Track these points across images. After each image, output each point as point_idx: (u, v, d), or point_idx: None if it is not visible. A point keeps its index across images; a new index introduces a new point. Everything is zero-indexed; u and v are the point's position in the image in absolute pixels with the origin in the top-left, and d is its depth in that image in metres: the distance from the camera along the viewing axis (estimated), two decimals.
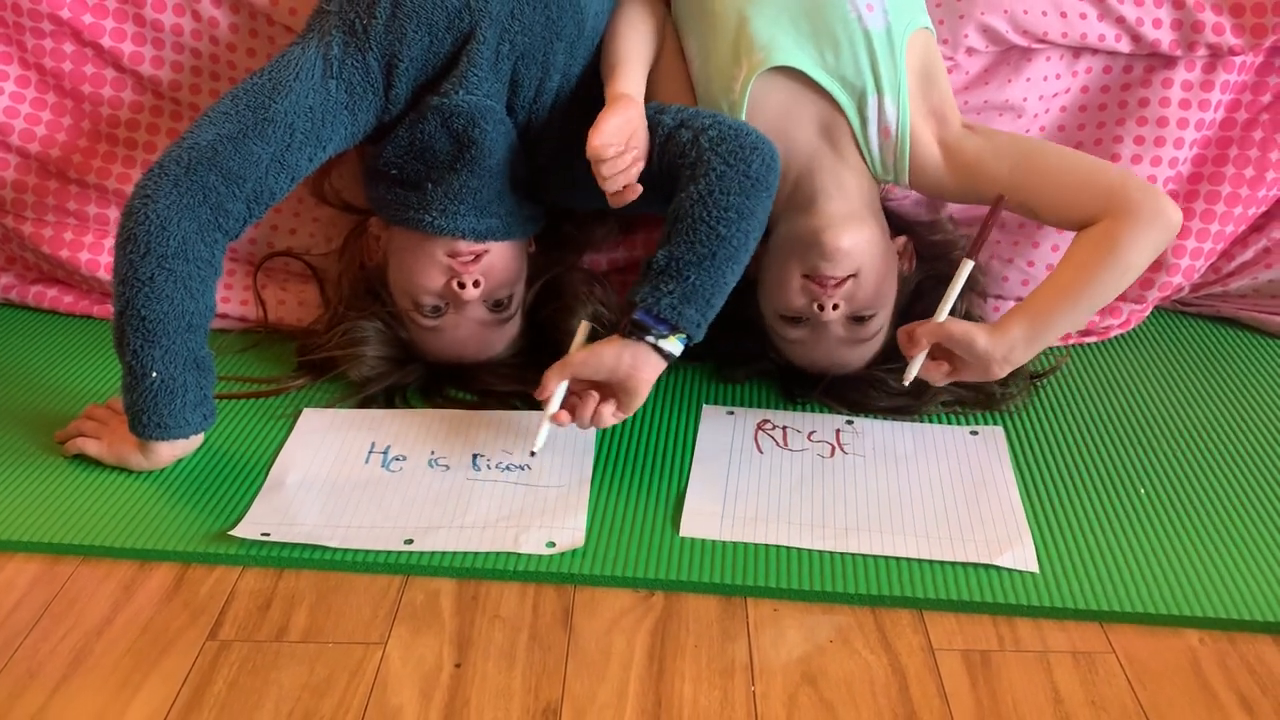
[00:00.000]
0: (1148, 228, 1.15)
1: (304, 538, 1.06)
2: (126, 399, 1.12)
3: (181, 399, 1.12)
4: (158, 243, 1.09)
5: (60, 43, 1.39)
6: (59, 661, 0.93)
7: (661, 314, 1.11)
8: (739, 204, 1.13)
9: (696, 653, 0.95)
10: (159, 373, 1.10)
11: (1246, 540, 1.09)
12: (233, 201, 1.13)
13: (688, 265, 1.12)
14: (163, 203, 1.09)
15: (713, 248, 1.12)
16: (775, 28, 1.23)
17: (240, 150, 1.12)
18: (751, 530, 1.09)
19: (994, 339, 1.15)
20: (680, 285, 1.11)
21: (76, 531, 1.07)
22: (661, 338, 1.11)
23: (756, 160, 1.15)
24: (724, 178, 1.13)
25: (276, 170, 1.15)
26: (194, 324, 1.12)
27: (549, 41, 1.24)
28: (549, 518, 1.09)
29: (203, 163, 1.11)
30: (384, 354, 1.30)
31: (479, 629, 0.97)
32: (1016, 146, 1.23)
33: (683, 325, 1.12)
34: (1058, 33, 1.34)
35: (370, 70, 1.20)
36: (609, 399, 1.13)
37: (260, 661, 0.93)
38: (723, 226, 1.12)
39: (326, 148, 1.20)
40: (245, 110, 1.15)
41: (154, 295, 1.09)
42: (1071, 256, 1.17)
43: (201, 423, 1.15)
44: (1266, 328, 1.53)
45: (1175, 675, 0.94)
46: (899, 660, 0.95)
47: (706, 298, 1.12)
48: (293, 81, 1.17)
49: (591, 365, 1.12)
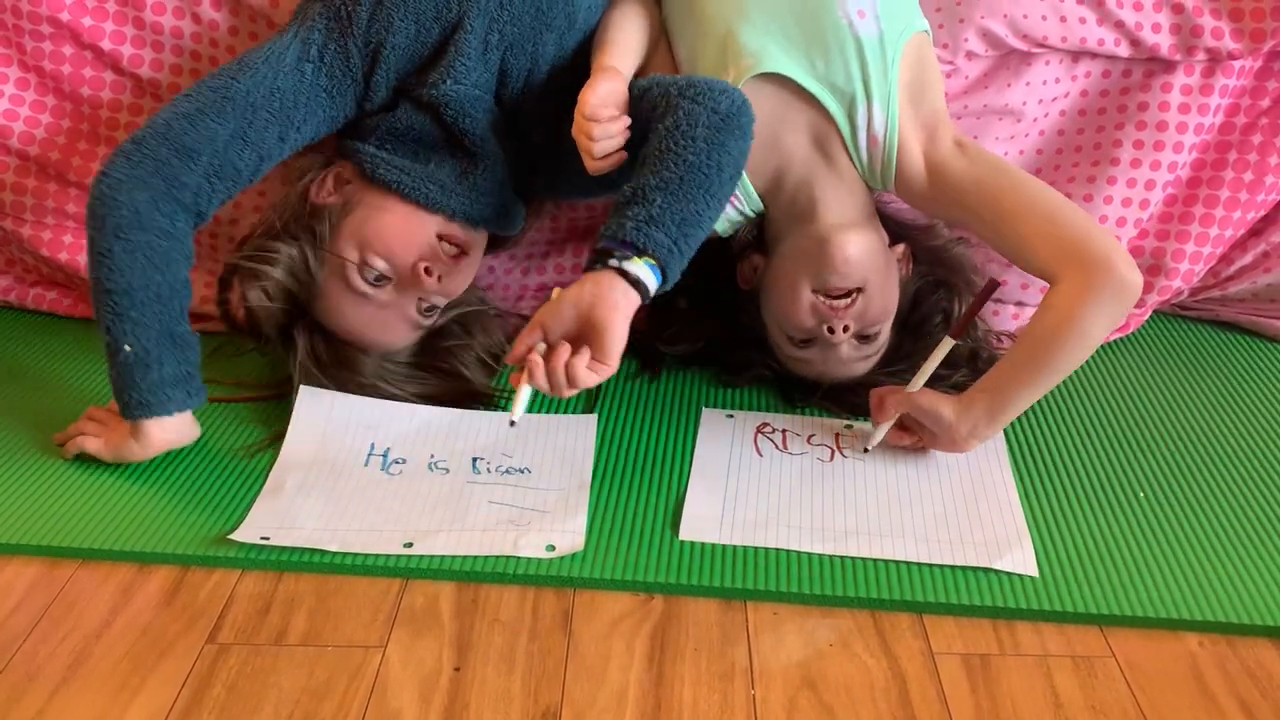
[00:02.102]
0: (1103, 299, 1.11)
1: (303, 541, 1.06)
2: (111, 381, 1.13)
3: (158, 373, 1.12)
4: (111, 214, 1.10)
5: (60, 45, 1.39)
6: (57, 665, 0.93)
7: (625, 237, 1.04)
8: (707, 135, 1.09)
9: (696, 656, 0.95)
10: (131, 346, 1.11)
11: (1246, 544, 1.09)
12: (188, 174, 1.13)
13: (653, 190, 1.07)
14: (114, 176, 1.11)
15: (680, 173, 1.07)
16: (765, 35, 1.23)
17: (195, 125, 1.13)
18: (751, 534, 1.09)
19: (959, 414, 1.16)
20: (646, 209, 1.06)
21: (75, 534, 1.07)
22: (625, 259, 1.04)
23: (725, 100, 1.12)
24: (691, 114, 1.11)
25: (239, 146, 1.15)
26: (162, 295, 1.12)
27: (538, 33, 1.24)
28: (548, 521, 1.09)
29: (154, 137, 1.13)
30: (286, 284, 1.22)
31: (478, 632, 0.97)
32: (997, 181, 1.19)
33: (650, 248, 1.04)
34: (1057, 37, 1.34)
35: (351, 57, 1.21)
36: (582, 349, 1.03)
37: (259, 665, 0.93)
38: (690, 154, 1.08)
39: (301, 129, 1.20)
40: (206, 91, 1.16)
41: (115, 267, 1.10)
42: (1030, 332, 1.14)
43: (185, 400, 1.15)
44: (1265, 332, 1.53)
45: (1175, 679, 0.94)
46: (899, 664, 0.95)
47: (676, 223, 1.06)
48: (260, 64, 1.18)
49: (556, 311, 1.03)
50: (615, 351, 1.02)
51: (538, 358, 1.02)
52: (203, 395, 1.16)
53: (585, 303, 1.02)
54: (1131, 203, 1.40)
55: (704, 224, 1.09)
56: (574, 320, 1.03)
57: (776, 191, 1.25)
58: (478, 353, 1.32)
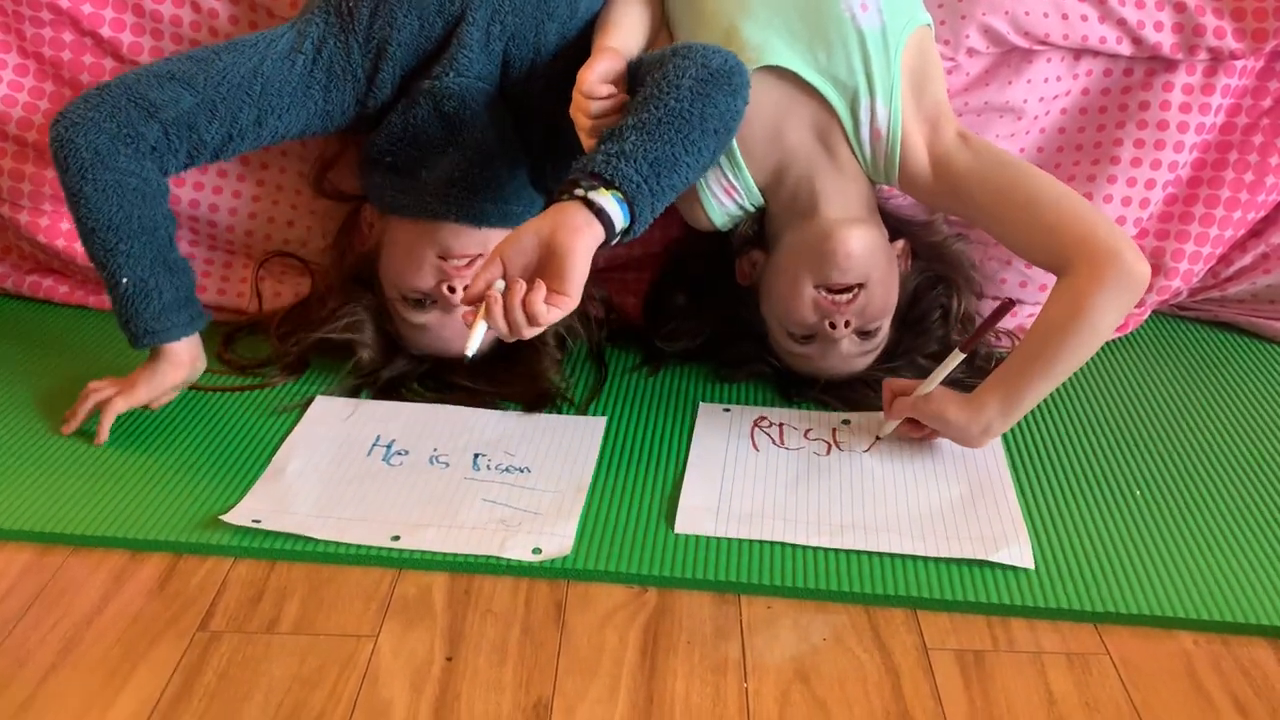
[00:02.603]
0: (1112, 290, 1.11)
1: (294, 527, 1.05)
2: (115, 315, 1.16)
3: (159, 300, 1.15)
4: (73, 157, 1.11)
5: (59, 32, 1.38)
6: (48, 651, 0.93)
7: (594, 169, 1.01)
8: (693, 85, 1.08)
9: (689, 649, 0.95)
10: (128, 277, 1.14)
11: (1241, 543, 1.09)
12: (145, 126, 1.13)
13: (629, 129, 1.04)
14: (70, 117, 1.12)
15: (658, 115, 1.05)
16: (768, 28, 1.23)
17: (163, 86, 1.14)
18: (746, 528, 1.08)
19: (969, 415, 1.15)
20: (618, 145, 1.03)
21: (67, 521, 1.07)
22: (592, 189, 1.00)
23: (718, 58, 1.11)
24: (680, 67, 1.10)
25: (206, 117, 1.16)
26: (145, 227, 1.14)
27: (540, 22, 1.24)
28: (539, 523, 1.08)
29: (119, 86, 1.14)
30: (379, 342, 1.29)
31: (471, 623, 0.97)
32: (1002, 174, 1.19)
33: (618, 180, 1.00)
34: (1059, 34, 1.34)
35: (352, 54, 1.20)
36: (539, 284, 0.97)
37: (251, 653, 0.93)
38: (673, 100, 1.07)
39: (283, 118, 1.20)
40: (186, 60, 1.17)
41: (91, 207, 1.12)
42: (1040, 326, 1.13)
43: (189, 324, 1.18)
44: (1263, 333, 1.52)
45: (1169, 677, 0.94)
46: (892, 659, 0.95)
47: (649, 161, 1.02)
48: (247, 46, 1.19)
49: (516, 241, 0.98)
50: (575, 281, 0.97)
51: (496, 294, 0.97)
52: (204, 319, 1.21)
53: (546, 230, 0.98)
54: (1131, 202, 1.40)
55: (680, 171, 1.06)
56: (535, 250, 0.98)
57: (778, 186, 1.25)
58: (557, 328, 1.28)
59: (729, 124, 1.11)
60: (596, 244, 1.00)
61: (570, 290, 0.98)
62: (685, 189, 1.10)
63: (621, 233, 1.03)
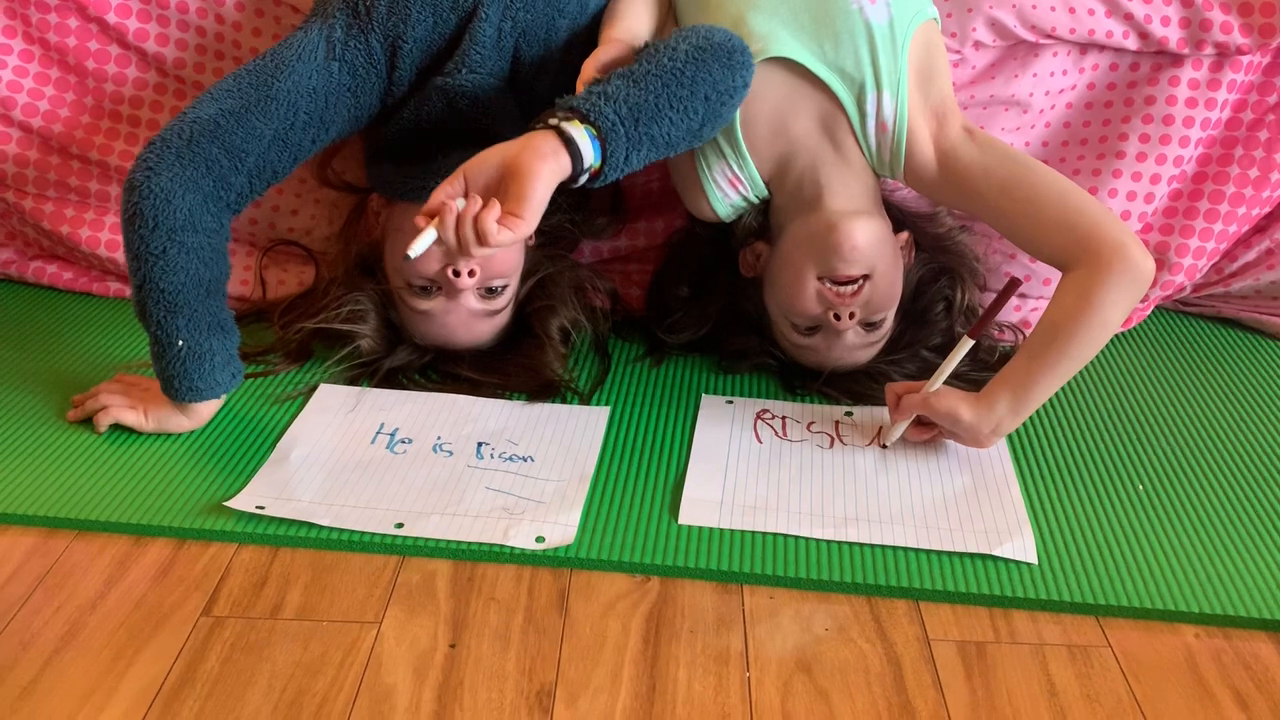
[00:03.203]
0: (1118, 284, 1.11)
1: (297, 514, 1.06)
2: (157, 366, 1.14)
3: (210, 362, 1.14)
4: (165, 216, 1.09)
5: (65, 18, 1.38)
6: (52, 635, 0.93)
7: (573, 104, 1.03)
8: (690, 51, 1.09)
9: (692, 639, 0.95)
10: (185, 340, 1.12)
11: (1243, 538, 1.09)
12: (235, 175, 1.13)
13: (617, 76, 1.06)
14: (165, 175, 1.09)
15: (649, 69, 1.07)
16: (774, 19, 1.22)
17: (243, 125, 1.12)
18: (750, 519, 1.08)
19: (979, 413, 1.14)
20: (603, 87, 1.05)
21: (72, 505, 1.07)
22: (566, 120, 1.01)
23: (721, 34, 1.12)
24: (683, 35, 1.11)
25: (279, 148, 1.15)
26: (212, 289, 1.14)
27: (551, 19, 1.24)
28: (542, 512, 1.08)
29: (205, 135, 1.11)
30: (382, 331, 1.29)
31: (474, 611, 0.97)
32: (1007, 169, 1.19)
33: (593, 116, 1.02)
34: (1066, 28, 1.34)
35: (373, 52, 1.20)
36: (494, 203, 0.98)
37: (254, 639, 0.93)
38: (667, 59, 1.08)
39: (330, 129, 1.20)
40: (248, 88, 1.14)
41: (169, 268, 1.10)
42: (1047, 322, 1.13)
43: (231, 381, 1.17)
44: (1267, 329, 1.52)
45: (1170, 671, 0.94)
46: (894, 650, 0.95)
47: (629, 105, 1.03)
48: (295, 62, 1.16)
49: (482, 159, 1.00)
50: (532, 205, 0.97)
51: (453, 205, 0.98)
52: (242, 373, 1.19)
53: (512, 152, 0.99)
54: (1136, 197, 1.40)
55: (661, 123, 1.06)
56: (498, 169, 0.99)
57: (782, 177, 1.25)
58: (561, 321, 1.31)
59: (723, 94, 1.10)
60: (562, 174, 1.00)
61: (525, 214, 0.97)
62: (670, 150, 1.09)
63: (591, 173, 1.03)
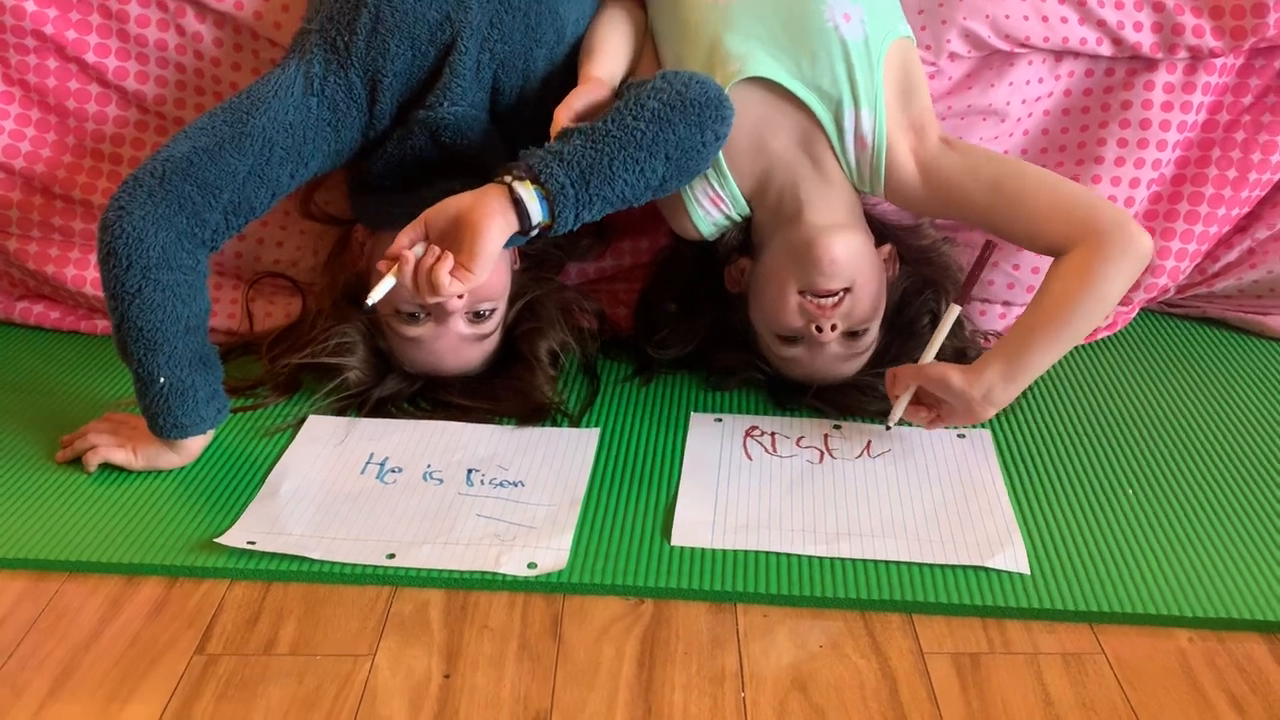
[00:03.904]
0: (1120, 258, 1.13)
1: (289, 548, 1.05)
2: (141, 404, 1.14)
3: (193, 398, 1.14)
4: (138, 255, 1.09)
5: (44, 58, 1.39)
6: (45, 677, 0.92)
7: (530, 161, 1.07)
8: (657, 109, 1.10)
9: (686, 660, 0.95)
10: (167, 378, 1.12)
11: (1235, 539, 1.09)
12: (209, 211, 1.13)
13: (578, 134, 1.09)
14: (138, 214, 1.09)
15: (610, 130, 1.09)
16: (751, 39, 1.23)
17: (216, 162, 1.13)
18: (742, 538, 1.08)
19: (970, 379, 1.16)
20: (562, 146, 1.09)
21: (63, 547, 1.07)
22: (518, 180, 1.06)
23: (697, 88, 1.12)
24: (657, 89, 1.12)
25: (255, 184, 1.15)
26: (191, 325, 1.13)
27: (529, 49, 1.24)
28: (533, 538, 1.08)
29: (178, 173, 1.11)
30: (371, 361, 1.29)
31: (468, 639, 0.97)
32: (992, 167, 1.21)
33: (544, 179, 1.06)
34: (1039, 37, 1.35)
35: (353, 87, 1.21)
36: (447, 255, 1.05)
37: (248, 675, 0.93)
38: (631, 119, 1.10)
39: (309, 164, 1.20)
40: (222, 125, 1.15)
41: (145, 306, 1.10)
42: (1046, 291, 1.15)
43: (216, 416, 1.17)
44: (1251, 328, 1.53)
45: (1165, 676, 0.94)
46: (889, 664, 0.95)
47: (581, 168, 1.07)
48: (271, 99, 1.17)
49: (441, 209, 1.06)
50: (480, 258, 1.04)
51: (410, 255, 1.05)
52: (227, 408, 1.19)
53: (466, 206, 1.05)
54: (1116, 200, 1.41)
55: (615, 185, 1.09)
56: (454, 221, 1.05)
57: (763, 194, 1.26)
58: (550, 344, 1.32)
59: (687, 153, 1.12)
60: (510, 231, 1.07)
61: (474, 267, 1.04)
62: (629, 204, 1.13)
63: (542, 227, 1.08)
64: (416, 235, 1.06)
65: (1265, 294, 1.52)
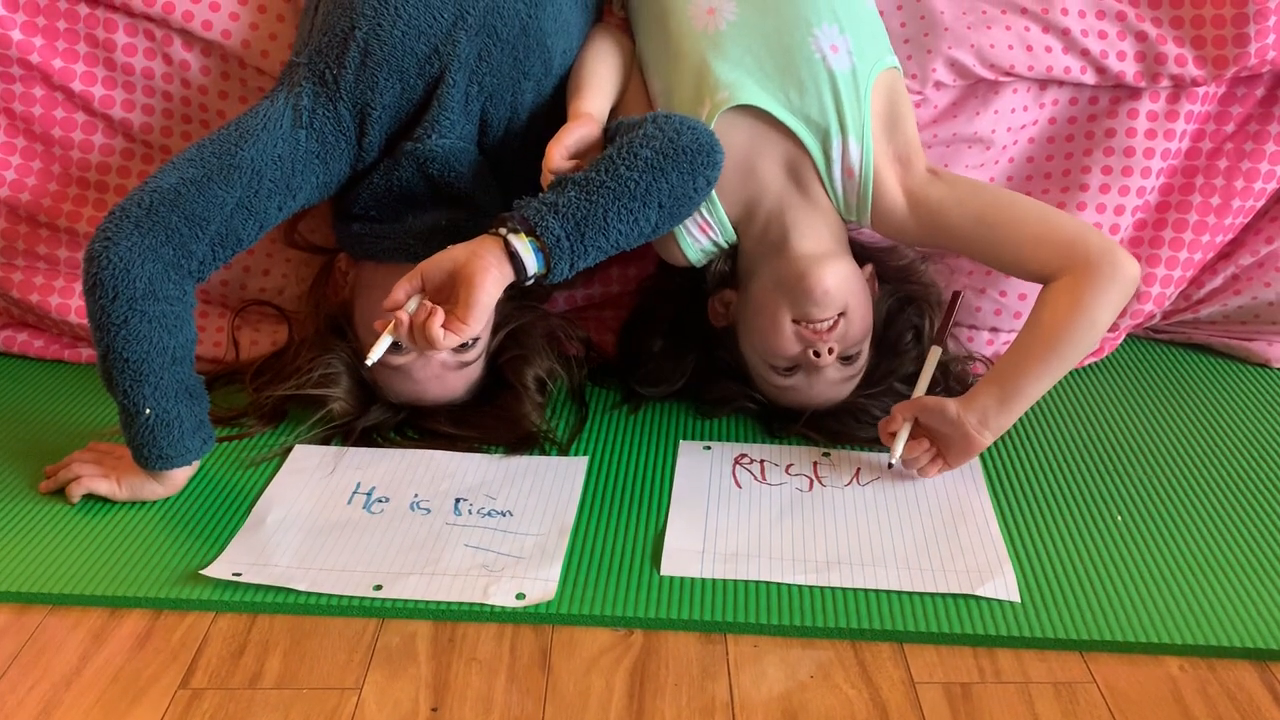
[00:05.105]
0: (1109, 285, 1.15)
1: (275, 579, 1.04)
2: (126, 435, 1.13)
3: (179, 429, 1.13)
4: (125, 286, 1.08)
5: (30, 87, 1.39)
6: (27, 713, 0.91)
7: (525, 213, 1.08)
8: (651, 158, 1.11)
9: (676, 691, 0.94)
10: (152, 409, 1.11)
11: (1225, 566, 1.09)
12: (196, 243, 1.12)
13: (573, 184, 1.10)
14: (124, 245, 1.09)
15: (604, 179, 1.09)
16: (740, 68, 1.24)
17: (204, 193, 1.12)
18: (732, 567, 1.08)
19: (963, 407, 1.17)
20: (557, 197, 1.09)
21: (46, 579, 1.05)
22: (513, 232, 1.07)
23: (689, 135, 1.13)
24: (649, 135, 1.13)
25: (243, 216, 1.15)
26: (178, 356, 1.13)
27: (516, 81, 1.25)
28: (522, 568, 1.07)
29: (165, 204, 1.11)
30: (355, 392, 1.28)
31: (455, 672, 0.96)
32: (979, 196, 1.23)
33: (540, 230, 1.07)
34: (1024, 66, 1.36)
35: (342, 120, 1.21)
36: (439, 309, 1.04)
37: (234, 710, 0.92)
38: (624, 167, 1.10)
39: (297, 196, 1.20)
40: (211, 157, 1.15)
41: (131, 337, 1.09)
42: (1037, 319, 1.17)
43: (201, 447, 1.16)
44: (1237, 353, 1.54)
45: (1156, 704, 0.94)
46: (880, 694, 0.94)
47: (576, 219, 1.08)
48: (260, 131, 1.17)
49: (437, 262, 1.06)
50: (475, 311, 1.04)
51: (404, 315, 1.05)
52: (213, 439, 1.18)
53: (461, 259, 1.05)
54: (1101, 228, 1.41)
55: (610, 235, 1.10)
56: (449, 273, 1.05)
57: (749, 220, 1.26)
58: (536, 371, 1.32)
59: (679, 200, 1.13)
60: (505, 283, 1.07)
61: (469, 320, 1.04)
62: (621, 250, 1.13)
63: (538, 277, 1.08)
64: (413, 288, 1.06)
65: (1250, 319, 1.53)
